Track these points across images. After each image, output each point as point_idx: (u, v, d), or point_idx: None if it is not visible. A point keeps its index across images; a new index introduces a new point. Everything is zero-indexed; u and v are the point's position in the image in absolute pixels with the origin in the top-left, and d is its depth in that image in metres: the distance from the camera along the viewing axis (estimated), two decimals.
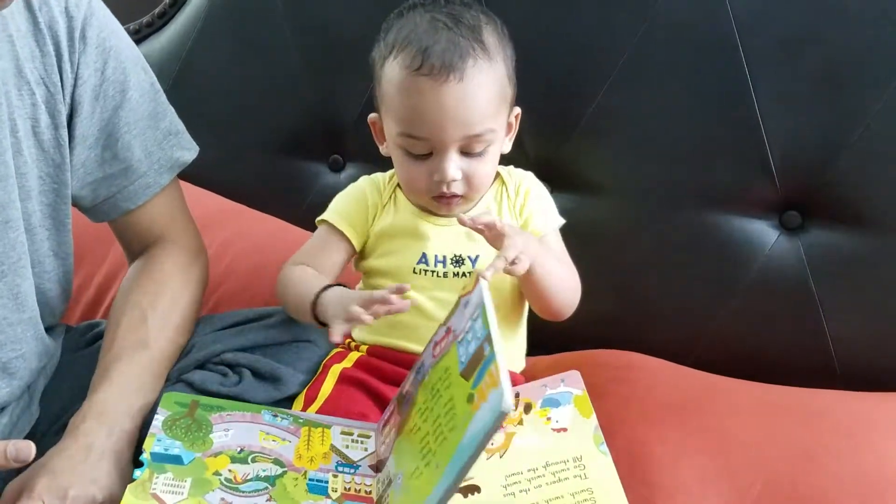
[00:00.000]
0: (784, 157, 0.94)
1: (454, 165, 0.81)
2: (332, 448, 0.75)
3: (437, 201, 0.85)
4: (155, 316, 0.84)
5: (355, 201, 0.91)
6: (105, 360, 0.82)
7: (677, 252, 1.01)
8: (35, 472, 0.70)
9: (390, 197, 0.90)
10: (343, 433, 0.77)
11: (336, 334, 0.75)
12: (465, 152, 0.81)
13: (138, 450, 0.75)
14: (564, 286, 0.85)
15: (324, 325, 0.79)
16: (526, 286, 0.83)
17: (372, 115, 0.88)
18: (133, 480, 0.69)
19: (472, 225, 0.76)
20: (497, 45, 0.82)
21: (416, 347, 0.86)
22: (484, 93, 0.79)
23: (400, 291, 0.74)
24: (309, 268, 0.88)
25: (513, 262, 0.74)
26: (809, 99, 0.92)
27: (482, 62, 0.79)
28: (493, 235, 0.77)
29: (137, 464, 0.71)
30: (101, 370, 0.81)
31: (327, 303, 0.79)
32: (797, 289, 0.95)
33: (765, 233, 0.97)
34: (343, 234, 0.89)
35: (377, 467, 0.73)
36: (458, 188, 0.83)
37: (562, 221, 0.90)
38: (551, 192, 1.02)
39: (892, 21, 0.88)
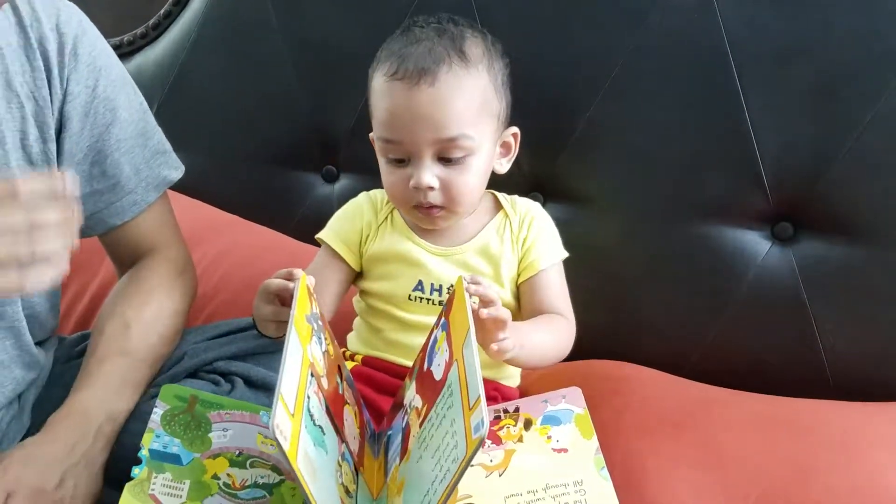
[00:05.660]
0: (776, 169, 0.94)
1: (429, 172, 0.80)
2: None
3: (418, 212, 0.84)
4: (139, 326, 0.85)
5: (350, 220, 0.91)
6: (88, 363, 0.83)
7: (671, 263, 1.01)
8: (12, 455, 0.71)
9: (386, 217, 0.90)
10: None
11: (274, 337, 0.76)
12: (443, 159, 0.81)
13: (121, 461, 0.74)
14: (549, 356, 0.84)
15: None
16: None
17: (371, 133, 0.88)
18: (131, 479, 0.69)
19: (474, 291, 0.71)
20: (481, 56, 0.82)
21: (411, 364, 0.86)
22: (458, 98, 0.79)
23: (290, 277, 0.74)
24: None
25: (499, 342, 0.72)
26: (800, 111, 0.92)
27: (458, 69, 0.80)
28: (491, 316, 0.70)
29: (136, 461, 0.70)
30: (83, 373, 0.82)
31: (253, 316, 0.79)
32: (790, 299, 0.95)
33: (757, 244, 0.97)
34: (340, 255, 0.89)
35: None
36: (435, 198, 0.82)
37: (565, 255, 0.89)
38: (544, 204, 1.03)
39: (881, 34, 0.88)
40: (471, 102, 0.80)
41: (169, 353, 0.87)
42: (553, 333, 0.84)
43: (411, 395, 0.73)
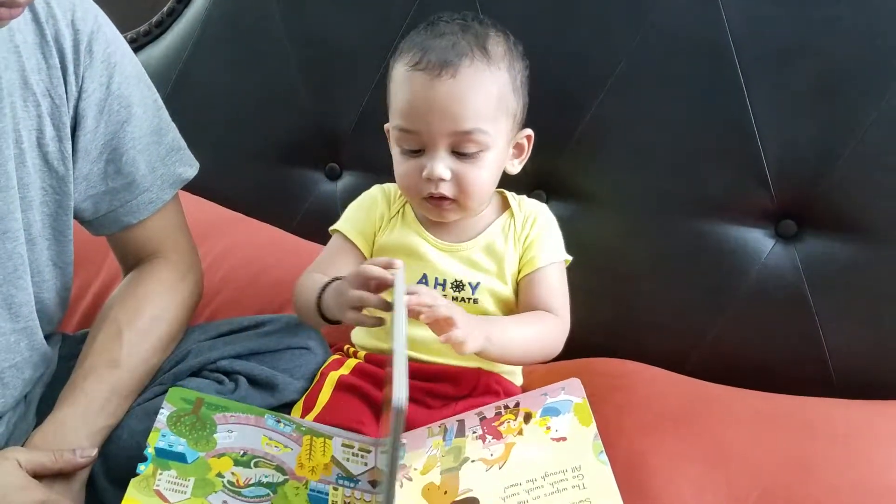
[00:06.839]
0: (780, 167, 0.94)
1: (442, 163, 0.81)
2: (333, 460, 0.75)
3: (429, 203, 0.85)
4: (131, 334, 0.84)
5: (366, 210, 0.92)
6: (75, 375, 0.81)
7: (674, 261, 1.01)
8: None
9: (398, 211, 0.91)
10: (344, 445, 0.76)
11: (350, 321, 0.76)
12: (457, 152, 0.82)
13: (124, 459, 0.74)
14: (531, 351, 0.83)
15: (334, 322, 0.80)
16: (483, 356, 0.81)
17: (387, 124, 0.88)
18: (136, 475, 0.69)
19: (415, 303, 0.71)
20: (502, 55, 0.83)
21: (415, 355, 0.86)
22: (477, 93, 0.80)
23: (388, 266, 0.74)
24: (320, 275, 0.88)
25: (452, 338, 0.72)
26: (805, 109, 0.92)
27: (480, 64, 0.81)
28: (436, 319, 0.71)
29: (140, 458, 0.71)
30: (69, 387, 0.80)
31: (328, 298, 0.80)
32: (793, 297, 0.95)
33: (761, 242, 0.97)
34: (354, 244, 0.90)
35: (375, 483, 0.73)
36: (447, 189, 0.83)
37: (566, 258, 0.90)
38: (547, 201, 1.03)
39: (886, 32, 0.88)
40: (489, 98, 0.81)
41: (161, 362, 0.86)
42: (536, 328, 0.84)
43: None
